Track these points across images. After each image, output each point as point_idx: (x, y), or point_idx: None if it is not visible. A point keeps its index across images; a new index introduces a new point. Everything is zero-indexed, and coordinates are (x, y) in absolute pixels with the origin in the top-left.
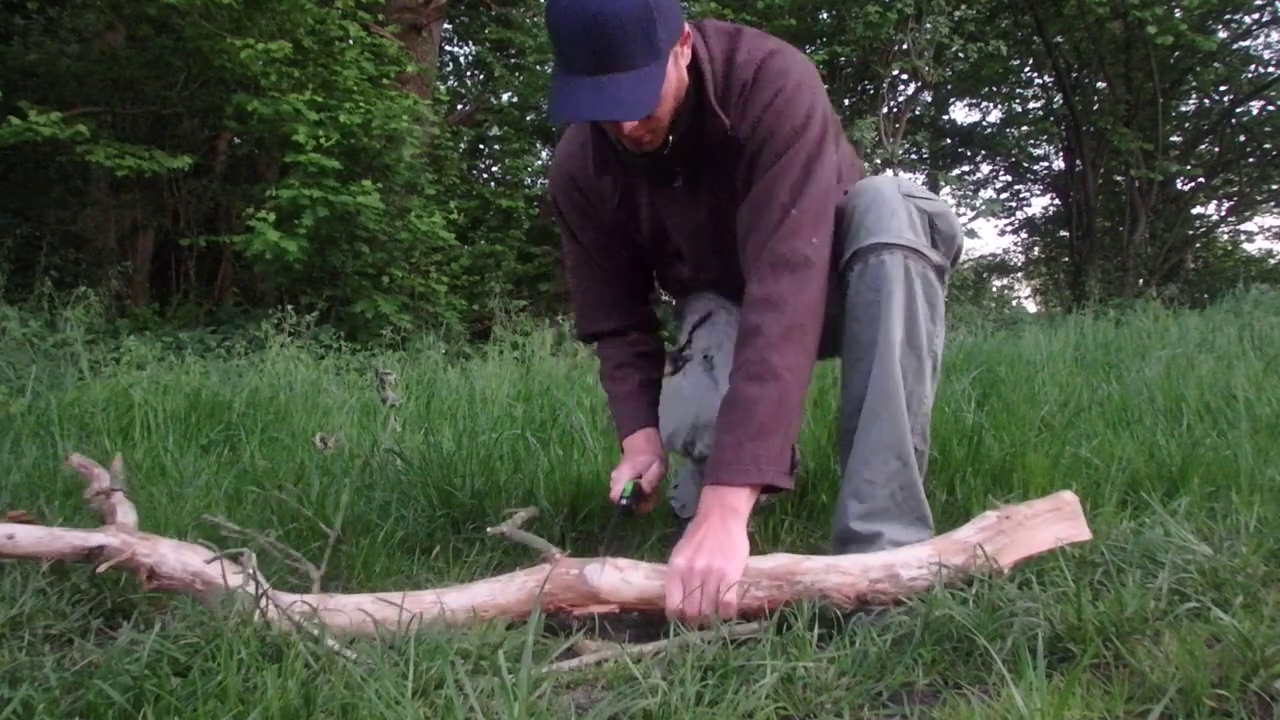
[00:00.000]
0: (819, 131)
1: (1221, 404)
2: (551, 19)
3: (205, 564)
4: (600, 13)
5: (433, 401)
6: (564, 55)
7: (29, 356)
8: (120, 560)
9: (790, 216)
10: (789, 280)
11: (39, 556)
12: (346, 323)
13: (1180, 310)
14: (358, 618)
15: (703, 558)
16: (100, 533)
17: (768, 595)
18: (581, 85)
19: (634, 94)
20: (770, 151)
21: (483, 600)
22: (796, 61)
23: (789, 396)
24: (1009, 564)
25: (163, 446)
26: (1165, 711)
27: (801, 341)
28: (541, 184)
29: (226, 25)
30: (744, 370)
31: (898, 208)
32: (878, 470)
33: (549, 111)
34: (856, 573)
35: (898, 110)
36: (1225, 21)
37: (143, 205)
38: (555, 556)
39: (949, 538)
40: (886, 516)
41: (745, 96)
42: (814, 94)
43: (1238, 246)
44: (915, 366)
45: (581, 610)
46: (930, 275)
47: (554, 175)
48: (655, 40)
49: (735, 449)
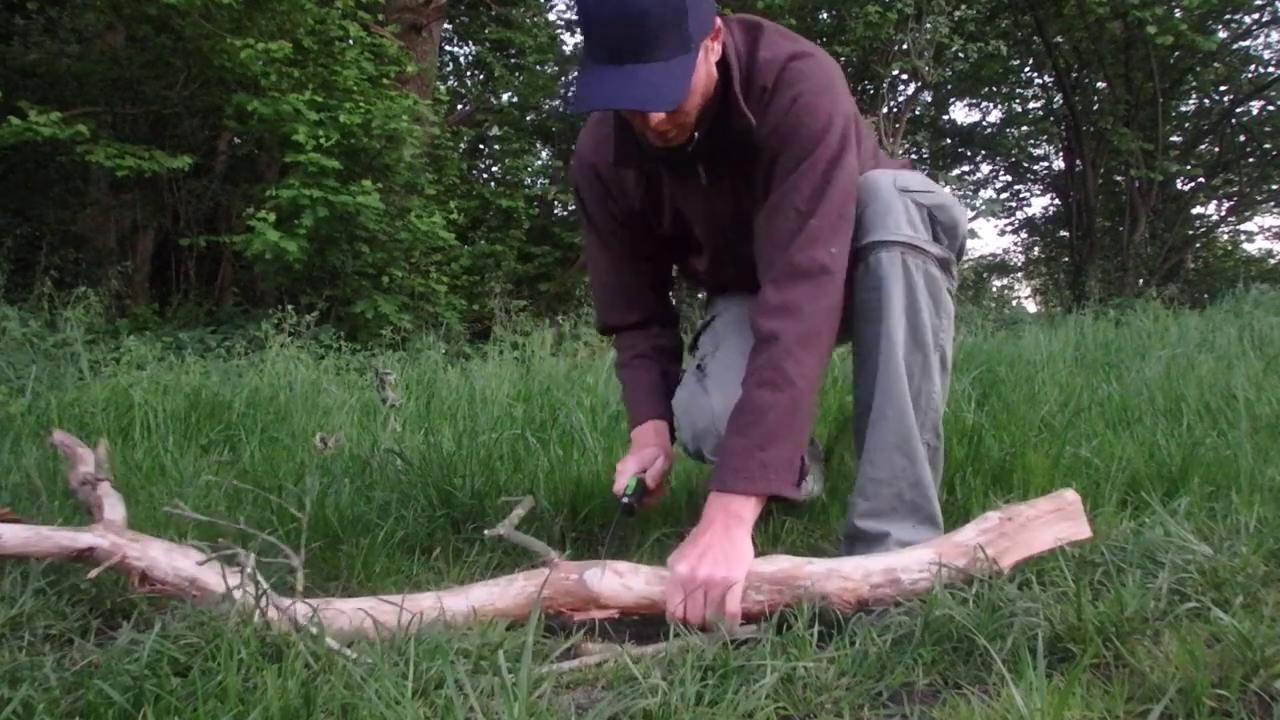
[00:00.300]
0: (839, 138)
1: (1221, 404)
2: (582, 5)
3: (198, 565)
4: (632, 0)
5: (433, 401)
6: (592, 43)
7: (29, 356)
8: (110, 564)
9: (809, 225)
10: (806, 288)
11: (26, 557)
12: (346, 323)
13: (1180, 310)
14: (358, 619)
15: (705, 566)
16: (89, 532)
17: (768, 599)
18: (609, 74)
19: (662, 85)
20: (789, 157)
21: (482, 604)
22: (819, 64)
23: (801, 404)
24: (1010, 565)
25: (163, 446)
26: (1165, 711)
27: (817, 349)
28: (542, 184)
29: (226, 25)
30: (757, 376)
31: (893, 203)
32: (883, 468)
33: (574, 101)
34: (858, 577)
35: (898, 110)
36: (1225, 21)
37: (143, 205)
38: (554, 560)
39: (950, 539)
40: (894, 516)
41: (765, 99)
42: (835, 98)
43: (1238, 246)
44: (921, 363)
45: (582, 615)
46: (932, 269)
47: (576, 164)
48: (686, 31)
49: (744, 456)
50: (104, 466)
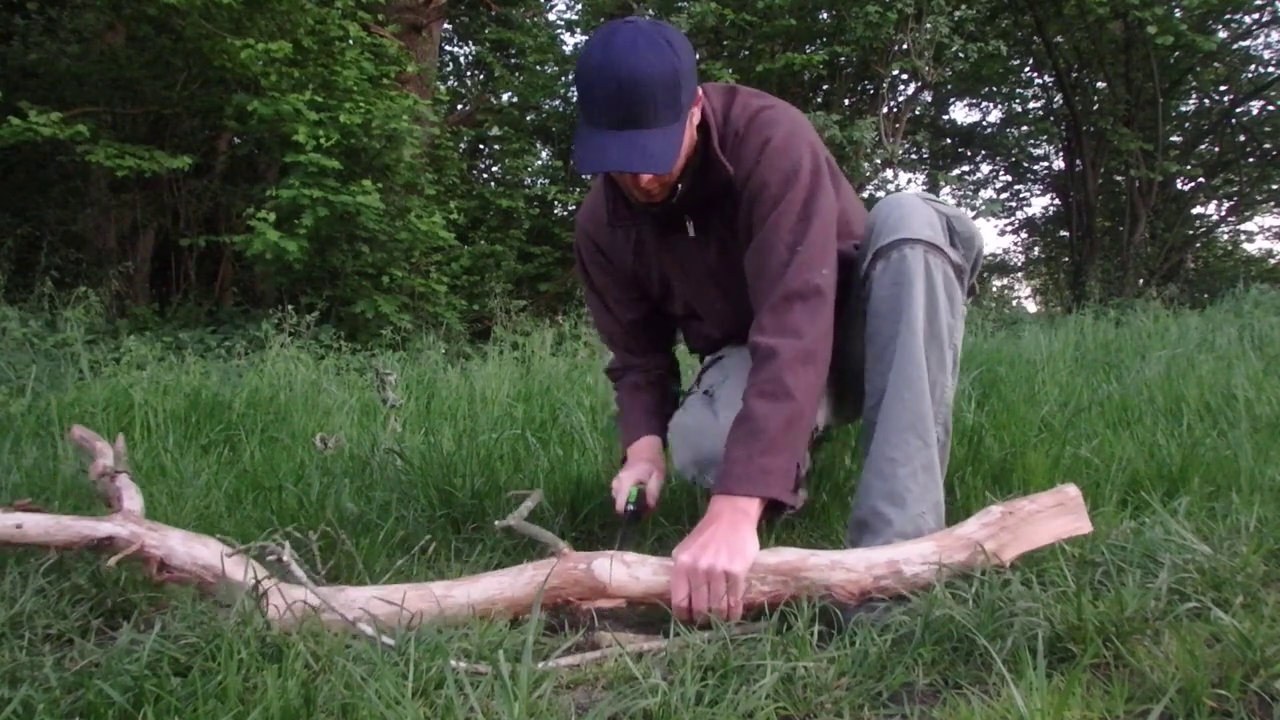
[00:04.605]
0: (810, 175)
1: (1221, 404)
2: (584, 78)
3: (226, 556)
4: (632, 76)
5: (433, 401)
6: (591, 111)
7: (29, 356)
8: (130, 553)
9: (797, 254)
10: (802, 309)
11: (47, 545)
12: (346, 323)
13: (1180, 310)
14: (370, 608)
15: (708, 557)
16: (108, 521)
17: (773, 590)
18: (608, 139)
19: (658, 149)
20: (767, 199)
21: (493, 593)
22: (786, 112)
23: (799, 417)
24: (1011, 558)
25: (163, 446)
26: (1165, 711)
27: (814, 366)
28: (541, 184)
29: (226, 25)
30: (757, 389)
31: (918, 207)
32: (899, 448)
33: (575, 162)
34: (861, 569)
35: (898, 110)
36: (1225, 21)
37: (143, 205)
38: (563, 551)
39: (952, 533)
40: (907, 499)
41: (737, 147)
42: (804, 141)
43: (1238, 246)
44: (938, 355)
45: (589, 604)
46: (949, 271)
47: (577, 232)
48: (679, 102)
49: (745, 462)
50: (122, 459)
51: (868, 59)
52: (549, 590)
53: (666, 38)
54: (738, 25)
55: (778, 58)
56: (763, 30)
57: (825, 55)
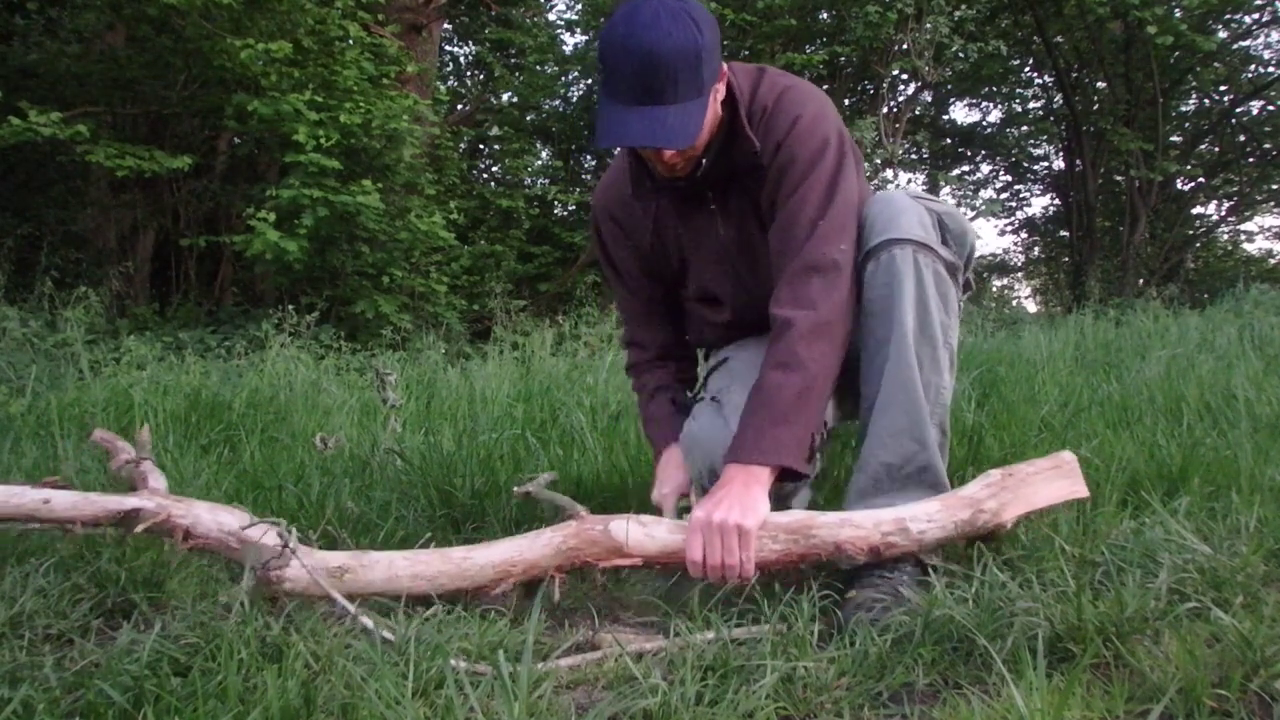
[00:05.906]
0: (836, 154)
1: (1221, 404)
2: (606, 52)
3: (244, 528)
4: (654, 51)
5: (433, 401)
6: (613, 86)
7: (29, 356)
8: (156, 522)
9: (818, 228)
10: (819, 282)
11: (75, 520)
12: (346, 323)
13: (1180, 310)
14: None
15: (721, 512)
16: (134, 496)
17: (784, 549)
18: (630, 114)
19: (679, 124)
20: (794, 175)
21: (512, 555)
22: (814, 93)
23: (813, 387)
24: (1012, 519)
25: (163, 446)
26: (1165, 711)
27: (830, 338)
28: (541, 184)
29: (226, 25)
30: (772, 360)
31: (907, 206)
32: (894, 452)
33: (596, 136)
34: (869, 526)
35: (898, 110)
36: (1225, 21)
37: (143, 205)
38: (581, 514)
39: (956, 494)
40: (906, 493)
41: (765, 122)
42: (829, 121)
43: (1238, 246)
44: (930, 355)
45: (606, 564)
46: (941, 270)
47: (595, 209)
48: (701, 78)
49: (757, 432)
50: (146, 447)
51: (868, 59)
52: (567, 551)
53: (690, 13)
54: (738, 25)
55: (778, 58)
56: (763, 30)
57: (825, 55)
